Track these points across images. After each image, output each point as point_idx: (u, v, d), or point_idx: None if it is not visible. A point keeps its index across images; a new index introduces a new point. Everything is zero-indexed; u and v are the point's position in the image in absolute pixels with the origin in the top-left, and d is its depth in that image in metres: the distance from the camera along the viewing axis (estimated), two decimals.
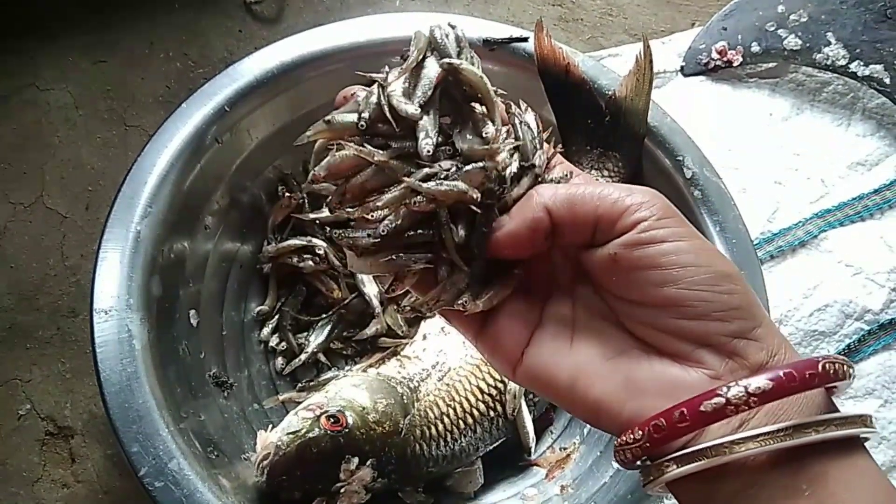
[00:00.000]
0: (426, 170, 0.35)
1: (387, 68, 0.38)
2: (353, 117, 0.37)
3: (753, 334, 0.33)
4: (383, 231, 0.35)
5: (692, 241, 0.34)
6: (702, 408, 0.31)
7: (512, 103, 0.40)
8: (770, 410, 0.32)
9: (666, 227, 0.34)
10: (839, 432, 0.31)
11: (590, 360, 0.36)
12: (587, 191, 0.36)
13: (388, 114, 0.36)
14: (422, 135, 0.35)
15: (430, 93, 0.36)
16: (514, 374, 0.38)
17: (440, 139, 0.36)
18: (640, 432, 0.32)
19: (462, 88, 0.38)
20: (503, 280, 0.37)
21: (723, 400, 0.31)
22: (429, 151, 0.35)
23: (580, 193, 0.36)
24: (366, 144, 0.36)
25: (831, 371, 0.31)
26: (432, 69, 0.37)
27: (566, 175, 0.39)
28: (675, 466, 0.32)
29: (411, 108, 0.35)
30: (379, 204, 0.35)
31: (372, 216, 0.36)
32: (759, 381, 0.31)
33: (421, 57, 0.38)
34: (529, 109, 0.41)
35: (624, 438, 0.33)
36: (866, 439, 0.33)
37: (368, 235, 0.36)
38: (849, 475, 0.31)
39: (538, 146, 0.39)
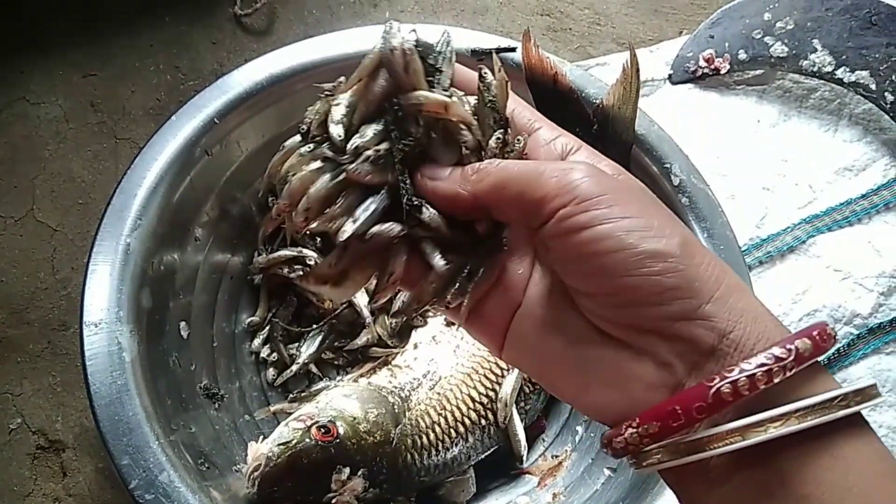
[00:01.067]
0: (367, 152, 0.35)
1: (342, 79, 0.38)
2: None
3: (699, 313, 0.31)
4: (342, 236, 0.35)
5: (616, 222, 0.32)
6: (696, 405, 0.30)
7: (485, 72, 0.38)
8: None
9: (588, 210, 0.32)
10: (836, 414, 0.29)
11: (552, 346, 0.35)
12: (518, 172, 0.34)
13: (324, 131, 0.36)
14: (331, 126, 0.36)
15: (371, 109, 0.36)
16: (500, 354, 0.38)
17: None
18: (631, 432, 0.31)
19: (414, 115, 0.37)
20: (487, 265, 0.37)
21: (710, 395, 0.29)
22: (339, 135, 0.35)
23: (510, 176, 0.34)
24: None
25: (804, 351, 0.30)
26: (378, 85, 0.36)
27: (522, 144, 0.38)
28: (659, 458, 0.31)
29: (336, 131, 0.35)
30: (335, 208, 0.36)
31: (332, 226, 0.36)
32: (747, 369, 0.29)
33: (367, 73, 0.37)
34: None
35: (613, 438, 0.33)
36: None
37: (331, 255, 0.36)
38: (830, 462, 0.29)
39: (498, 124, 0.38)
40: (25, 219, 0.80)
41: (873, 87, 0.83)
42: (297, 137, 0.38)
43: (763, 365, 0.29)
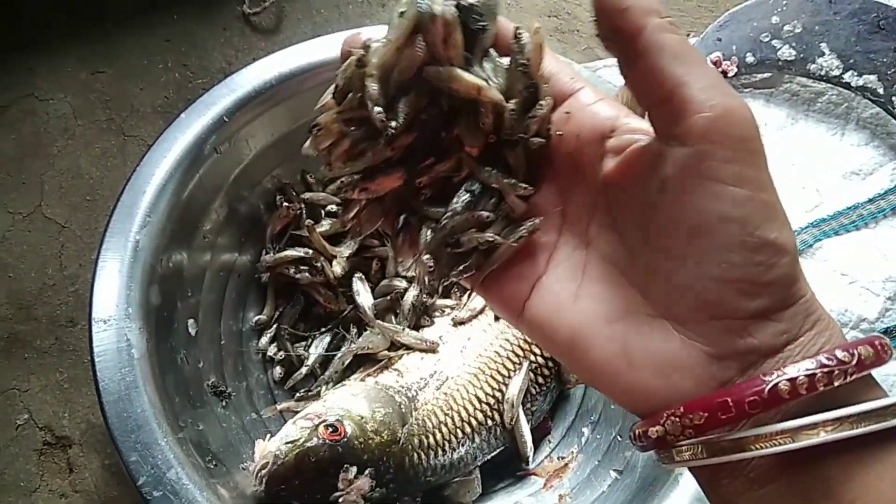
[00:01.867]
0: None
1: (371, 39, 0.35)
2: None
3: (778, 315, 0.28)
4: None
5: (747, 188, 0.28)
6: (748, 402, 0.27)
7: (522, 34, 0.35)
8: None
9: (723, 160, 0.28)
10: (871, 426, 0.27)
11: (591, 320, 0.32)
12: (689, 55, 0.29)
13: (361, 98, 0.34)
14: (371, 105, 0.33)
15: (404, 78, 0.34)
16: (519, 326, 0.35)
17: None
18: (673, 421, 0.29)
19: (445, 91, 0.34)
20: (508, 235, 0.35)
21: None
22: (381, 118, 0.33)
23: (684, 52, 0.28)
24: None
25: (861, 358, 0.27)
26: (413, 54, 0.33)
27: (546, 110, 0.34)
28: (695, 454, 0.29)
29: (377, 113, 0.33)
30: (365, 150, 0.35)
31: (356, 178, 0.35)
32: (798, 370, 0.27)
33: (403, 40, 0.33)
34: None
35: (649, 427, 0.30)
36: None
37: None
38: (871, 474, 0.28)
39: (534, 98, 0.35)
40: (34, 215, 0.80)
41: (881, 91, 0.83)
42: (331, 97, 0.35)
43: (824, 366, 0.27)
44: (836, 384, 0.27)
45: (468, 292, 0.75)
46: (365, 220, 0.37)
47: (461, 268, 0.35)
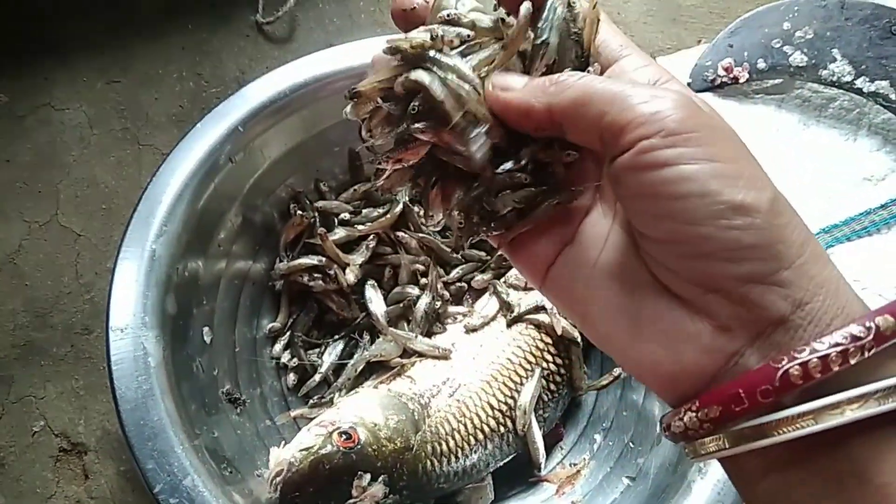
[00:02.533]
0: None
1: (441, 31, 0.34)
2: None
3: (775, 278, 0.28)
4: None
5: (703, 164, 0.28)
6: (761, 388, 0.27)
7: None
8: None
9: (674, 146, 0.28)
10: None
11: (605, 291, 0.32)
12: (604, 91, 0.30)
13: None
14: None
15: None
16: (541, 287, 0.36)
17: None
18: (690, 416, 0.29)
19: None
20: (545, 200, 0.35)
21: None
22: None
23: (593, 93, 0.30)
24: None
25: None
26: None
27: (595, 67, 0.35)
28: (719, 445, 0.29)
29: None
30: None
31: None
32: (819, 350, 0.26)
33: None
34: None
35: (672, 421, 0.30)
36: None
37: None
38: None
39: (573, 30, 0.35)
40: (50, 223, 0.81)
41: (893, 96, 0.83)
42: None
43: (838, 345, 0.26)
44: (853, 362, 0.26)
45: (479, 299, 0.76)
46: (395, 179, 0.36)
47: (493, 224, 0.35)
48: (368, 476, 0.60)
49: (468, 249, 0.77)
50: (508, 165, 0.34)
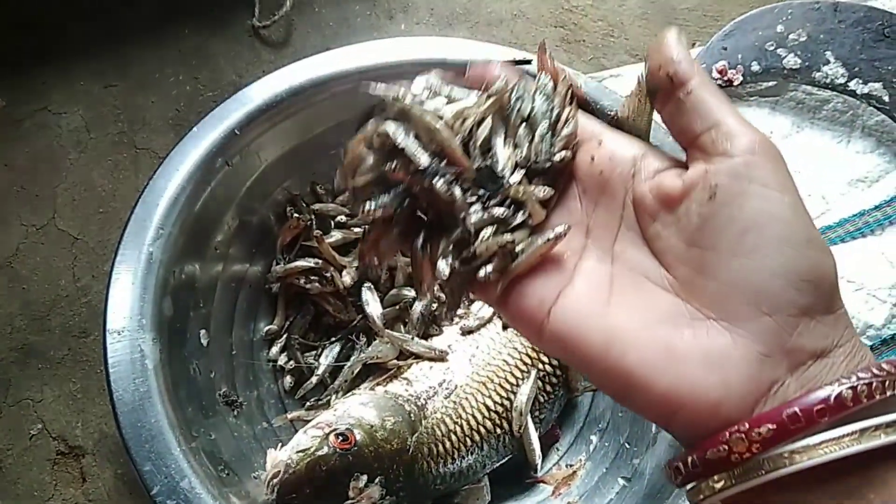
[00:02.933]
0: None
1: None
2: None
3: (825, 317, 0.30)
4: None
5: (787, 194, 0.31)
6: (816, 407, 0.28)
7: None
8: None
9: (767, 169, 0.31)
10: None
11: (628, 325, 0.32)
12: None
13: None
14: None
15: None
16: (541, 336, 0.34)
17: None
18: (738, 437, 0.29)
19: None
20: (529, 245, 0.35)
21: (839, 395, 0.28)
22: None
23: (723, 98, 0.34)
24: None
25: None
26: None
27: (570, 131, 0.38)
28: (726, 483, 0.30)
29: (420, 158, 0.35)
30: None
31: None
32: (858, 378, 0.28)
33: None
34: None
35: (709, 447, 0.30)
36: None
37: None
38: None
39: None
40: (47, 227, 0.81)
41: (886, 98, 0.83)
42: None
43: (877, 375, 0.28)
44: (890, 394, 0.28)
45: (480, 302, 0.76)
46: (383, 247, 0.38)
47: (481, 274, 0.35)
48: (365, 477, 0.60)
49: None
50: (481, 195, 0.36)
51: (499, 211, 0.36)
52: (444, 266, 0.36)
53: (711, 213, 0.31)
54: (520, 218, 0.36)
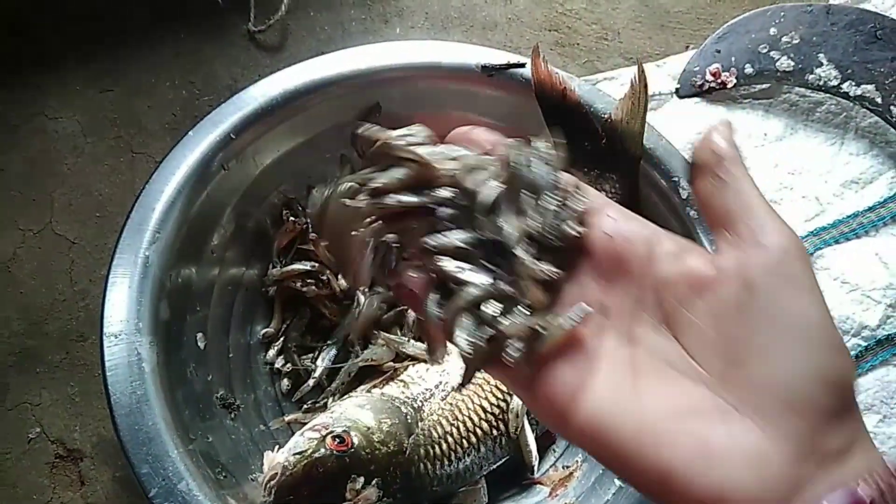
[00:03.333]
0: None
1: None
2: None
3: (849, 416, 0.30)
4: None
5: (815, 295, 0.31)
6: None
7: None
8: None
9: (802, 269, 0.32)
10: None
11: (660, 416, 0.31)
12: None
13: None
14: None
15: None
16: (567, 426, 0.32)
17: None
18: None
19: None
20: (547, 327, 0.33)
21: None
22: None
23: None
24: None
25: None
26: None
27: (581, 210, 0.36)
28: None
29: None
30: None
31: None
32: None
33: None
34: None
35: None
36: None
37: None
38: None
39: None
40: (44, 231, 0.81)
41: (879, 100, 0.84)
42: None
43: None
44: None
45: None
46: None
47: (511, 353, 0.33)
48: (362, 479, 0.60)
49: None
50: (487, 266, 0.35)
51: (507, 290, 0.34)
52: (464, 343, 0.33)
53: (748, 307, 0.31)
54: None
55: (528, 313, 0.34)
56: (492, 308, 0.33)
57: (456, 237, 0.35)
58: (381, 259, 0.37)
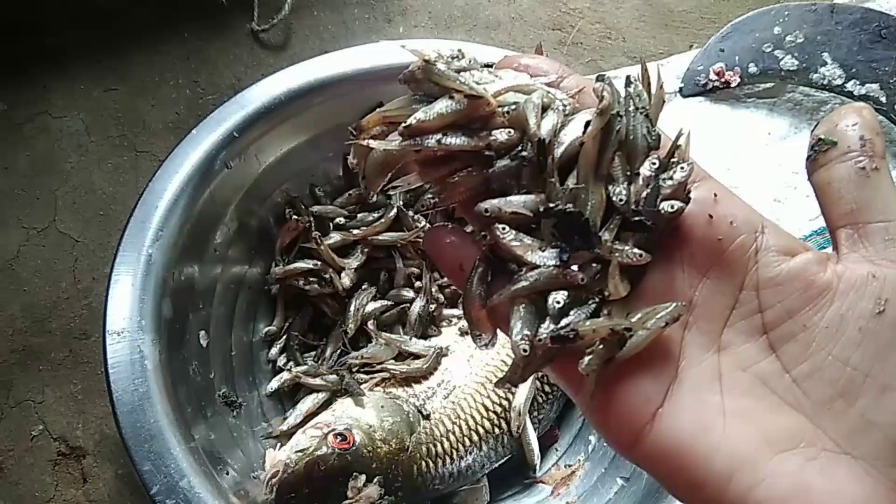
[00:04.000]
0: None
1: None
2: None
3: None
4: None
5: None
6: None
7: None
8: None
9: None
10: None
11: (753, 447, 0.26)
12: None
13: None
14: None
15: None
16: (635, 447, 0.27)
17: None
18: None
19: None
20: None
21: None
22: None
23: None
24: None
25: None
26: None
27: (687, 172, 0.29)
28: None
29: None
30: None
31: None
32: None
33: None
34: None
35: None
36: None
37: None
38: None
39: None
40: (48, 230, 0.82)
41: (883, 99, 0.83)
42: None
43: None
44: None
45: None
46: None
47: (585, 364, 0.27)
48: (363, 477, 0.60)
49: None
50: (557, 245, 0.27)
51: (579, 276, 0.27)
52: (520, 339, 0.27)
53: (876, 330, 0.26)
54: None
55: (600, 307, 0.27)
56: (560, 298, 0.27)
57: (517, 201, 0.28)
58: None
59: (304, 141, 0.71)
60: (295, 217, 0.73)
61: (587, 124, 0.27)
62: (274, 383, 0.71)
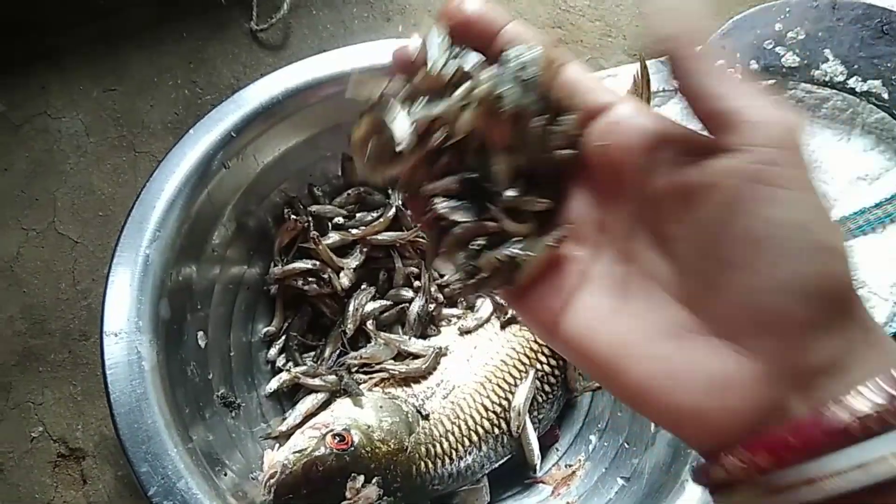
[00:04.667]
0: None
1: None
2: None
3: (835, 330, 0.27)
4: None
5: (797, 189, 0.27)
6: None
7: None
8: None
9: (771, 163, 0.27)
10: None
11: (634, 335, 0.30)
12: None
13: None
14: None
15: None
16: (553, 339, 0.33)
17: None
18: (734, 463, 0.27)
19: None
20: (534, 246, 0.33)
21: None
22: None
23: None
24: None
25: None
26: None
27: (571, 121, 0.33)
28: (742, 498, 0.27)
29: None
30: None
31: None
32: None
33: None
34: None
35: (706, 470, 0.29)
36: None
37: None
38: None
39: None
40: (47, 231, 0.81)
41: (886, 96, 0.83)
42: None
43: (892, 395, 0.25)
44: None
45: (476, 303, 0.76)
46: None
47: (490, 282, 0.34)
48: (362, 478, 0.60)
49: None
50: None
51: (490, 225, 0.34)
52: (450, 275, 0.36)
53: (725, 221, 0.28)
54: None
55: (520, 243, 0.33)
56: (478, 243, 0.34)
57: (449, 180, 0.34)
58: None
59: (302, 140, 0.71)
60: (293, 217, 0.73)
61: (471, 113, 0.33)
62: (273, 384, 0.71)
